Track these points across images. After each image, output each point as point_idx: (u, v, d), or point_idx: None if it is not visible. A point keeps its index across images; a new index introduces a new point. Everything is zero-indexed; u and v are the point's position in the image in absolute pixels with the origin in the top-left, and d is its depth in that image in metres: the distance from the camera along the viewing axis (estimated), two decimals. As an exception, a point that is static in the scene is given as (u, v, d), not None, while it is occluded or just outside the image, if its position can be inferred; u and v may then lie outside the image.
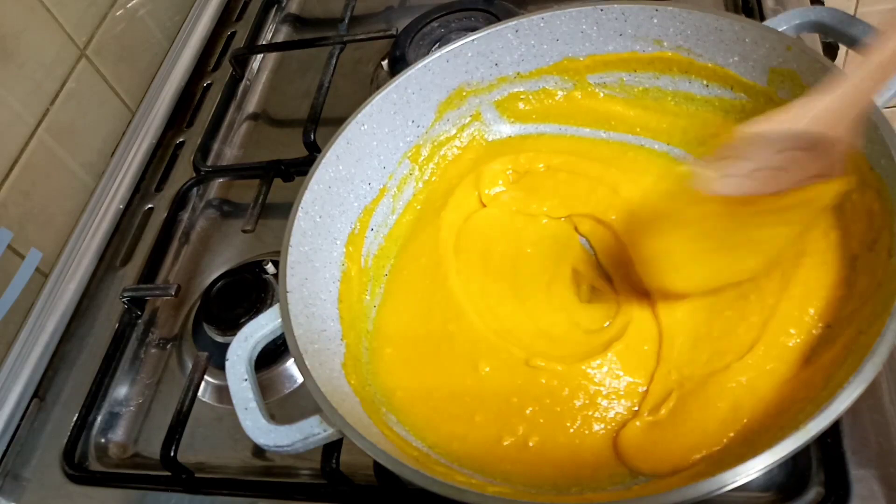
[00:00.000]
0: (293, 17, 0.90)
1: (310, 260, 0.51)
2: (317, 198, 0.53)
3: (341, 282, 0.54)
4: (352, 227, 0.56)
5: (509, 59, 0.59)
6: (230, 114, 0.79)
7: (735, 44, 0.52)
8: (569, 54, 0.58)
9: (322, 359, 0.47)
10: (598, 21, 0.56)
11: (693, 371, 0.45)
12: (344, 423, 0.41)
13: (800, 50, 0.48)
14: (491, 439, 0.46)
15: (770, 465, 0.34)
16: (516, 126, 0.62)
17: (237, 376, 0.45)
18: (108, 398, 0.61)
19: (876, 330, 0.37)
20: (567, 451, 0.45)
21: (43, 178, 0.70)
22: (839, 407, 0.35)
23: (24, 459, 0.60)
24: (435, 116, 0.60)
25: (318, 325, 0.50)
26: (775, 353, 0.44)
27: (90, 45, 0.75)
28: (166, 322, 0.65)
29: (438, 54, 0.58)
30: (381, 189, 0.59)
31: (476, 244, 0.56)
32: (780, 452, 0.34)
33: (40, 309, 0.67)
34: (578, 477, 0.44)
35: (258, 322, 0.48)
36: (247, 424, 0.43)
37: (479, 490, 0.37)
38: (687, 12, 0.53)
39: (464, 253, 0.56)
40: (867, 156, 0.44)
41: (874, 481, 0.42)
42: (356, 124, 0.55)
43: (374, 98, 0.56)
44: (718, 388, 0.44)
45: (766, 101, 0.52)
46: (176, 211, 0.71)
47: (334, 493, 0.50)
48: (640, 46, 0.56)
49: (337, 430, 0.41)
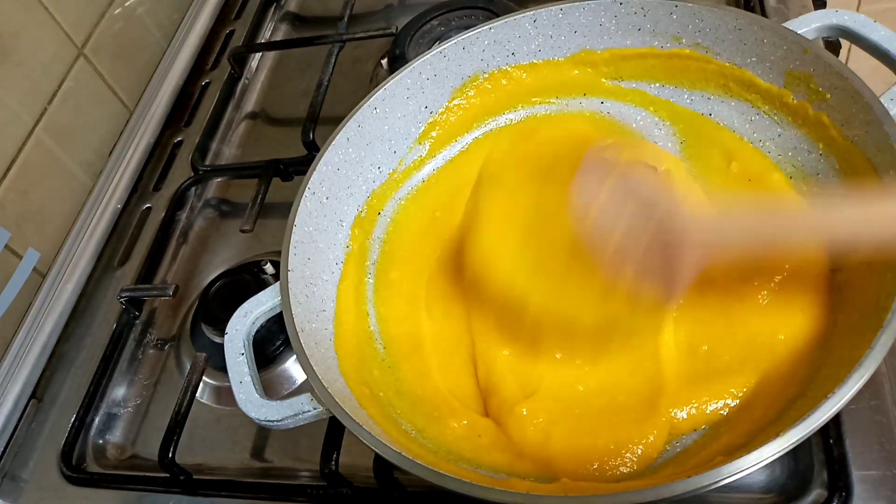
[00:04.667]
0: (292, 15, 0.89)
1: (314, 240, 0.52)
2: (324, 179, 0.54)
3: (345, 264, 0.55)
4: (359, 209, 0.57)
5: (526, 49, 0.59)
6: (228, 113, 0.79)
7: (753, 44, 0.52)
8: (587, 47, 0.58)
9: (318, 338, 0.48)
10: (616, 14, 0.56)
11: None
12: (333, 403, 0.42)
13: (816, 54, 0.48)
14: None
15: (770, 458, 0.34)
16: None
17: (234, 350, 0.47)
18: (106, 399, 0.61)
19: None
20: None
21: (40, 178, 0.69)
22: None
23: (21, 461, 0.59)
24: (448, 103, 0.60)
25: (317, 304, 0.51)
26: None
27: (88, 44, 0.75)
28: (164, 323, 0.65)
29: (455, 41, 0.58)
30: (390, 173, 0.59)
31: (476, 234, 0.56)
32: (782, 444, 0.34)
33: (38, 309, 0.67)
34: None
35: (258, 299, 0.49)
36: (240, 398, 0.45)
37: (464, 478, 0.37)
38: (707, 10, 0.53)
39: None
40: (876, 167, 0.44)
41: (877, 482, 0.42)
42: (368, 107, 0.56)
43: (387, 82, 0.57)
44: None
45: (780, 105, 0.52)
46: (174, 211, 0.71)
47: (333, 494, 0.49)
48: (659, 42, 0.56)
49: (326, 408, 0.42)
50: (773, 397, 0.43)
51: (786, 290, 0.47)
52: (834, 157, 0.49)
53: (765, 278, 0.47)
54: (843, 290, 0.45)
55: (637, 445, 0.43)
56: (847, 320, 0.43)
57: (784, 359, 0.44)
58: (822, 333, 0.44)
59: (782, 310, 0.46)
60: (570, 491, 0.41)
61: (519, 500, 0.36)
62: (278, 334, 0.58)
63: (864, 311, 0.41)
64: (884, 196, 0.40)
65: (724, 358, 0.46)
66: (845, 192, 0.47)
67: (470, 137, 0.62)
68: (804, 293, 0.46)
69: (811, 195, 0.50)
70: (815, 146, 0.50)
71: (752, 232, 0.41)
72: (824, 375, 0.41)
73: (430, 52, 0.58)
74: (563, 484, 0.42)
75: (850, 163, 0.47)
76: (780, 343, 0.45)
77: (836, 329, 0.44)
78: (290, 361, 0.58)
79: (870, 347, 0.36)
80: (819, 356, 0.43)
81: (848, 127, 0.47)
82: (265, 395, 0.45)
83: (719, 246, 0.41)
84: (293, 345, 0.45)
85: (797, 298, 0.46)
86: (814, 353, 0.44)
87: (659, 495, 0.34)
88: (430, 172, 0.61)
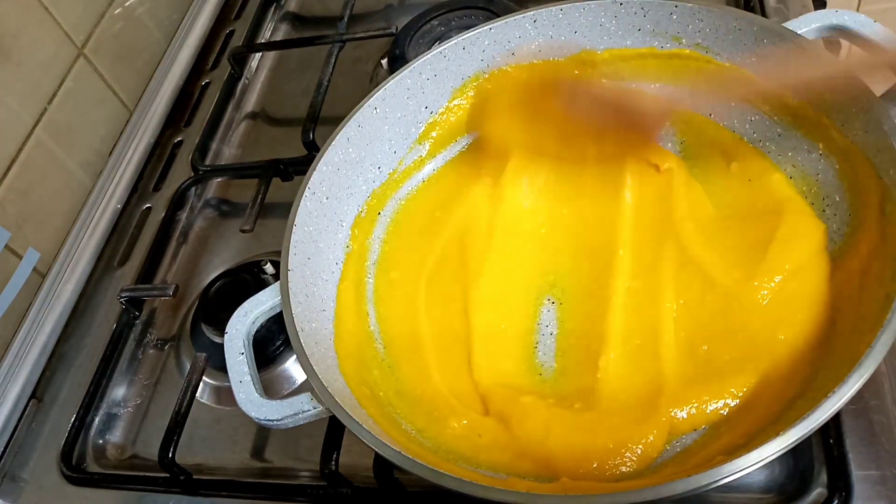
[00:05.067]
0: (292, 15, 0.89)
1: (314, 240, 0.52)
2: (325, 179, 0.54)
3: (345, 264, 0.55)
4: (359, 209, 0.57)
5: (526, 49, 0.59)
6: (229, 113, 0.79)
7: (753, 44, 0.51)
8: (587, 47, 0.58)
9: (318, 338, 0.48)
10: (616, 15, 0.56)
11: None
12: (332, 402, 0.42)
13: (816, 54, 0.48)
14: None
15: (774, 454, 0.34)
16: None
17: (234, 350, 0.47)
18: (106, 399, 0.61)
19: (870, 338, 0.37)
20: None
21: (41, 178, 0.69)
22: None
23: (21, 461, 0.59)
24: (448, 103, 0.60)
25: (317, 304, 0.51)
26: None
27: (88, 44, 0.75)
28: (164, 323, 0.65)
29: (455, 41, 0.58)
30: (390, 173, 0.59)
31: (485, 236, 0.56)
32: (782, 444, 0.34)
33: (38, 309, 0.67)
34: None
35: (258, 298, 0.49)
36: (240, 397, 0.45)
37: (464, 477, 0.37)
38: (706, 10, 0.53)
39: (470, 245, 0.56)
40: (876, 167, 0.44)
41: (877, 482, 0.42)
42: (369, 107, 0.56)
43: (388, 82, 0.57)
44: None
45: (780, 105, 0.52)
46: (174, 211, 0.71)
47: (333, 494, 0.49)
48: (659, 42, 0.56)
49: (325, 408, 0.42)
50: (773, 397, 0.43)
51: (786, 289, 0.47)
52: (834, 157, 0.49)
53: (765, 278, 0.47)
54: (843, 289, 0.45)
55: (637, 445, 0.43)
56: (847, 320, 0.43)
57: (784, 359, 0.44)
58: (822, 333, 0.44)
59: (782, 310, 0.46)
60: (569, 490, 0.41)
61: (519, 500, 0.36)
62: (278, 334, 0.58)
63: (864, 310, 0.41)
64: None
65: (724, 358, 0.46)
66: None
67: (470, 137, 0.62)
68: (804, 292, 0.46)
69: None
70: (815, 146, 0.50)
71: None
72: (824, 375, 0.41)
73: (430, 52, 0.58)
74: (562, 483, 0.42)
75: (850, 163, 0.47)
76: (780, 343, 0.45)
77: (836, 329, 0.44)
78: (290, 361, 0.58)
79: (870, 347, 0.36)
80: (819, 356, 0.43)
81: (848, 127, 0.47)
82: (265, 394, 0.45)
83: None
84: (293, 344, 0.45)
85: (797, 298, 0.46)
86: (814, 353, 0.44)
87: (659, 494, 0.34)
88: (430, 172, 0.61)
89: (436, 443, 0.47)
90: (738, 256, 0.49)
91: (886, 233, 0.43)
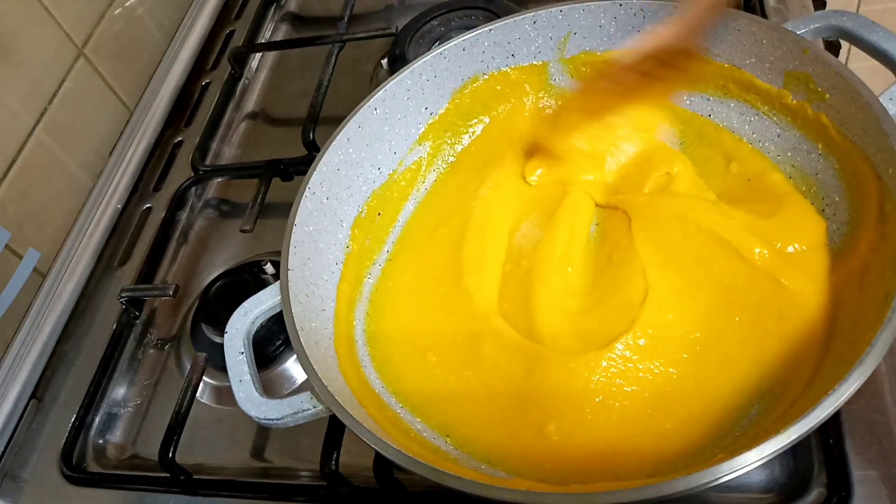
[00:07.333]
0: (292, 15, 0.89)
1: (314, 240, 0.52)
2: (325, 179, 0.54)
3: (345, 264, 0.55)
4: (359, 210, 0.57)
5: (526, 50, 0.59)
6: (229, 113, 0.79)
7: (753, 45, 0.51)
8: (587, 48, 0.59)
9: (318, 337, 0.48)
10: (616, 16, 0.56)
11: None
12: (332, 401, 0.42)
13: (815, 55, 0.48)
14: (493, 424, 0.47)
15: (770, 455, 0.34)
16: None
17: (234, 349, 0.47)
18: (107, 399, 0.61)
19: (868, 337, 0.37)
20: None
21: (41, 178, 0.69)
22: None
23: (22, 461, 0.59)
24: (448, 104, 0.61)
25: (317, 304, 0.51)
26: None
27: (88, 44, 0.75)
28: (164, 323, 0.65)
29: (455, 42, 0.58)
30: (390, 174, 0.59)
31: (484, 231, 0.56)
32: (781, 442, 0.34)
33: (38, 309, 0.67)
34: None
35: (258, 298, 0.49)
36: (240, 396, 0.45)
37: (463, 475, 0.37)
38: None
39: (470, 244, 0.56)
40: (876, 167, 0.44)
41: (877, 482, 0.42)
42: (369, 108, 0.56)
43: (388, 83, 0.57)
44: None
45: (779, 105, 0.52)
46: (174, 211, 0.71)
47: (334, 494, 0.49)
48: None
49: (325, 407, 0.42)
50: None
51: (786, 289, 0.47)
52: (833, 157, 0.49)
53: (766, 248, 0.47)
54: (843, 288, 0.45)
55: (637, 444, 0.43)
56: (847, 319, 0.43)
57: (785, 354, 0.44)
58: (822, 333, 0.44)
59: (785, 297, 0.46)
60: (570, 489, 0.41)
61: (519, 498, 0.36)
62: (278, 334, 0.58)
63: (863, 309, 0.41)
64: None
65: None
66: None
67: (470, 138, 0.62)
68: (804, 292, 0.46)
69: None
70: (815, 146, 0.50)
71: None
72: (824, 374, 0.41)
73: (430, 53, 0.58)
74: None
75: (850, 163, 0.47)
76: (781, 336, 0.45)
77: (836, 328, 0.44)
78: (290, 361, 0.58)
79: (870, 346, 0.36)
80: (819, 356, 0.43)
81: (847, 127, 0.47)
82: (265, 394, 0.45)
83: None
84: (293, 344, 0.45)
85: (797, 297, 0.46)
86: (814, 352, 0.44)
87: (659, 493, 0.34)
88: (431, 173, 0.61)
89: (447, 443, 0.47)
90: (745, 229, 0.49)
91: (886, 232, 0.43)
